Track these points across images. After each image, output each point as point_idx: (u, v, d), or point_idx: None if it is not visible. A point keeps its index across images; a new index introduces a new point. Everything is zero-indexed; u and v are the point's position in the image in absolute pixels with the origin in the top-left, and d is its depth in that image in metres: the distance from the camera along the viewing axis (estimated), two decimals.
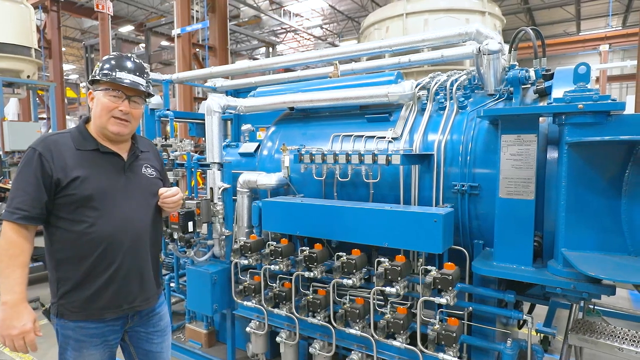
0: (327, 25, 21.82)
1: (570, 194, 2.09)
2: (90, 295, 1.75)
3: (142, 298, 1.89)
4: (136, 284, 1.85)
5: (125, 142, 1.90)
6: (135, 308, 1.88)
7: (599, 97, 1.98)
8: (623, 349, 2.22)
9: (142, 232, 1.85)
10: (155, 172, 1.99)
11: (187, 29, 10.01)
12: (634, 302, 4.94)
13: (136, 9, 18.66)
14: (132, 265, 1.82)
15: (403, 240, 2.47)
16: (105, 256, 1.74)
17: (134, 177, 1.88)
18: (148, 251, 1.90)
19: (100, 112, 1.76)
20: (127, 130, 1.81)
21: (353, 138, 3.06)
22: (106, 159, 1.81)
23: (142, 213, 1.87)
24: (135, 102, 1.81)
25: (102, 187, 1.74)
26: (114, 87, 1.75)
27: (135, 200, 1.85)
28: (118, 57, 1.81)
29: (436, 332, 2.34)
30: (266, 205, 3.00)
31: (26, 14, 9.04)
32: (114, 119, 1.77)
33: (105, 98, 1.75)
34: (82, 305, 1.75)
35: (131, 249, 1.80)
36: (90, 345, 1.79)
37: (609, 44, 16.52)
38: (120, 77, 1.74)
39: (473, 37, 2.88)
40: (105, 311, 1.79)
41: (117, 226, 1.76)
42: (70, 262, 1.73)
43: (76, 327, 1.77)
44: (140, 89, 1.79)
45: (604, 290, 2.05)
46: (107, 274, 1.76)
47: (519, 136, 2.25)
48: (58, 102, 12.14)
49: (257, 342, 3.21)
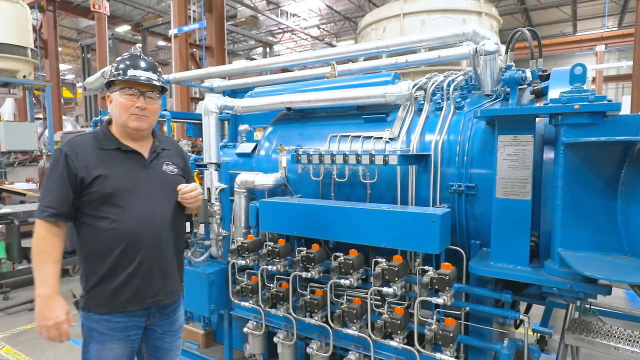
0: (324, 26, 21.82)
1: (567, 194, 2.10)
2: (115, 289, 1.81)
3: (165, 292, 1.94)
4: (159, 278, 1.90)
5: (146, 140, 1.97)
6: (159, 302, 1.93)
7: (595, 98, 1.99)
8: (619, 349, 2.23)
9: (163, 227, 1.90)
10: (176, 169, 2.04)
11: (184, 29, 9.99)
12: (630, 301, 4.97)
13: (133, 9, 18.60)
14: (154, 260, 1.87)
15: (400, 240, 2.48)
16: (127, 251, 1.81)
17: (154, 174, 1.94)
18: (171, 246, 1.95)
19: (120, 112, 1.85)
20: (146, 124, 1.89)
21: (350, 138, 3.06)
22: (127, 157, 1.89)
23: (163, 209, 1.92)
24: (150, 98, 1.88)
25: (123, 185, 1.81)
26: (128, 86, 1.83)
27: (156, 197, 1.90)
28: (129, 57, 1.89)
29: (433, 332, 2.35)
30: (263, 205, 3.00)
31: (22, 14, 9.00)
32: (133, 116, 1.84)
33: (121, 97, 1.84)
34: (107, 299, 1.82)
35: (153, 244, 1.86)
36: (113, 339, 1.85)
37: (605, 44, 16.59)
38: (132, 74, 1.82)
39: (470, 38, 2.89)
40: (128, 304, 1.84)
41: (138, 222, 1.82)
42: (96, 257, 1.81)
43: (101, 320, 1.83)
44: (152, 83, 1.86)
45: (600, 290, 2.06)
46: (130, 269, 1.82)
47: (516, 136, 2.25)
48: (54, 102, 12.10)
49: (254, 342, 3.21)
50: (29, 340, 4.26)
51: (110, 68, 1.90)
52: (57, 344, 4.12)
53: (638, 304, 4.70)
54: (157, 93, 1.92)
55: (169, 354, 2.08)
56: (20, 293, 5.62)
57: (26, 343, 4.21)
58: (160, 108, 2.00)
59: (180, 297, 2.08)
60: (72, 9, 15.93)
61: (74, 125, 16.99)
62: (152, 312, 1.94)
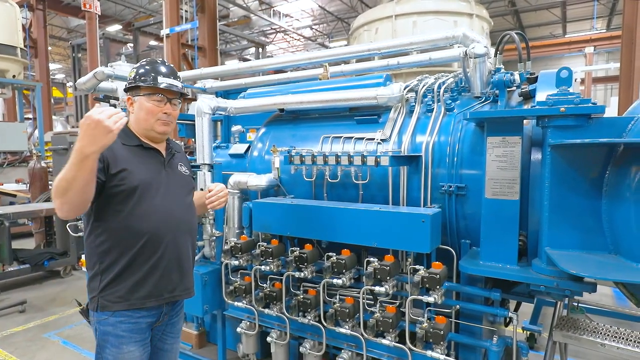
0: (316, 26, 21.84)
1: (553, 195, 2.15)
2: (134, 284, 1.82)
3: (182, 287, 1.98)
4: (176, 273, 1.93)
5: (162, 142, 2.03)
6: (176, 297, 1.97)
7: (580, 101, 2.04)
8: (605, 345, 2.30)
9: (182, 224, 1.95)
10: (188, 171, 2.13)
11: (176, 29, 9.94)
12: (617, 299, 5.06)
13: (124, 8, 18.46)
14: (173, 256, 1.90)
15: (392, 240, 2.51)
16: (148, 246, 1.82)
17: (172, 173, 2.00)
18: (188, 243, 2.00)
19: (146, 116, 1.89)
20: (170, 129, 1.97)
21: (343, 139, 3.09)
22: (149, 154, 1.93)
23: (180, 206, 1.98)
24: (174, 104, 1.95)
25: (147, 180, 1.85)
26: (156, 92, 1.89)
27: (175, 195, 1.96)
28: (152, 62, 1.96)
29: (424, 331, 2.38)
30: (256, 206, 3.02)
31: (12, 13, 8.91)
32: (160, 121, 1.91)
33: (149, 103, 1.89)
34: (125, 295, 1.81)
35: (172, 240, 1.89)
36: (130, 342, 1.84)
37: (594, 46, 16.81)
38: (165, 82, 1.89)
39: (460, 41, 2.94)
40: (147, 300, 1.85)
41: (159, 217, 1.85)
42: (114, 253, 1.80)
43: (116, 323, 1.82)
44: (179, 90, 1.94)
45: (585, 287, 2.11)
46: (150, 263, 1.83)
47: (504, 138, 2.30)
48: (44, 102, 11.98)
49: (247, 342, 3.23)
50: (20, 343, 4.24)
51: (131, 72, 1.93)
52: (48, 346, 4.13)
53: (624, 301, 4.79)
54: (179, 98, 1.99)
55: (167, 355, 2.09)
56: (11, 295, 5.57)
57: (17, 345, 4.18)
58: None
59: (192, 294, 2.08)
60: (62, 7, 15.77)
61: (64, 126, 16.82)
62: (163, 312, 1.96)
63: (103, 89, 4.26)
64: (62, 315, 4.91)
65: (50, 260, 6.04)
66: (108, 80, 4.16)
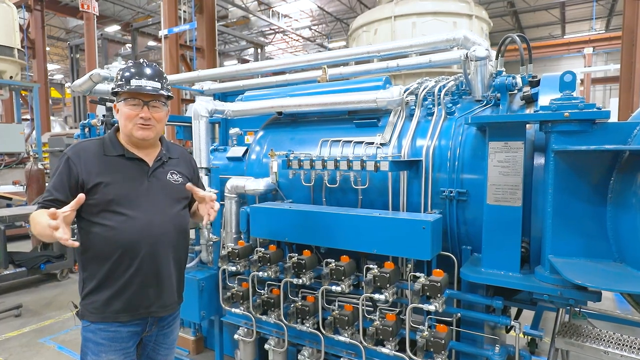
0: (315, 27, 21.81)
1: (557, 201, 2.11)
2: (108, 297, 1.79)
3: (160, 304, 1.90)
4: (154, 289, 1.86)
5: (153, 148, 1.96)
6: (152, 314, 1.89)
7: (584, 106, 1.99)
8: (608, 353, 2.25)
9: (162, 237, 1.86)
10: (182, 178, 2.00)
11: (175, 29, 9.89)
12: (619, 302, 5.03)
13: (122, 9, 18.42)
14: (150, 271, 1.83)
15: (392, 246, 2.47)
16: (123, 259, 1.78)
17: (157, 183, 1.91)
18: (170, 258, 1.90)
19: (125, 122, 1.84)
20: (152, 133, 1.87)
21: (341, 143, 3.05)
22: (131, 164, 1.87)
23: (163, 219, 1.87)
24: (154, 107, 1.86)
25: (123, 192, 1.80)
26: (132, 96, 1.82)
27: (158, 206, 1.87)
28: (132, 66, 1.88)
29: (425, 339, 2.34)
30: (254, 211, 2.97)
31: (9, 13, 8.87)
32: (137, 125, 1.83)
33: (125, 108, 1.83)
34: (100, 308, 1.80)
35: (150, 254, 1.81)
36: (110, 350, 1.81)
37: (592, 47, 16.81)
38: (135, 84, 1.80)
39: (460, 43, 2.90)
40: (120, 315, 1.82)
41: (136, 231, 1.79)
42: (94, 263, 1.80)
43: (96, 330, 1.80)
44: (155, 92, 1.84)
45: (590, 297, 2.06)
46: (125, 278, 1.79)
47: (506, 143, 2.26)
48: (42, 103, 11.94)
49: (245, 349, 3.18)
50: (15, 348, 4.18)
51: (115, 77, 1.89)
52: (43, 352, 4.07)
53: (626, 305, 4.75)
54: (162, 101, 1.89)
55: None
56: (6, 299, 5.51)
57: (11, 351, 4.13)
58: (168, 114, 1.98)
59: (176, 310, 2.03)
60: (60, 8, 15.73)
61: (63, 127, 16.77)
62: (149, 323, 1.91)
63: (99, 92, 4.21)
64: (58, 320, 4.85)
65: (47, 264, 5.97)
66: (104, 83, 4.11)
